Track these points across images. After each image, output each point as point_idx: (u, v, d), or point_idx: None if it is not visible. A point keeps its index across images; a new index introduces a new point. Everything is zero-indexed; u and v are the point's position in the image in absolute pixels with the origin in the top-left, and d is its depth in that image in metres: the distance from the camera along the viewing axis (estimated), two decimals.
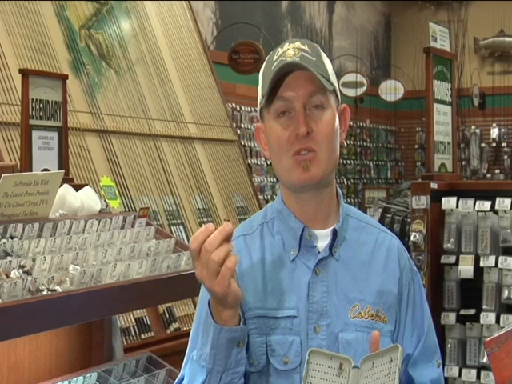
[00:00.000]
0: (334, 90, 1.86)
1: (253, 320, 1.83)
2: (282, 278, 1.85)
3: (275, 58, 1.84)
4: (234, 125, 7.73)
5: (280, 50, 1.84)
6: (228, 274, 1.66)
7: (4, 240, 2.54)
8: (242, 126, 9.52)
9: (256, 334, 1.83)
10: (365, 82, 12.23)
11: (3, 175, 2.64)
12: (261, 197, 8.31)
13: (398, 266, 1.91)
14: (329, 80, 1.83)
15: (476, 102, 13.30)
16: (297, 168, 1.82)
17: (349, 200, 12.48)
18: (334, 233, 1.87)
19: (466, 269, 4.28)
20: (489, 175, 13.68)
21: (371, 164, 13.75)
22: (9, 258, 2.45)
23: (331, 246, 1.87)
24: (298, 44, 1.84)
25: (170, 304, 4.63)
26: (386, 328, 1.86)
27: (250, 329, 1.83)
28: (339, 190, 1.95)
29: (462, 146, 13.21)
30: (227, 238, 1.66)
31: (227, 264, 1.65)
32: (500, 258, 4.23)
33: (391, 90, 12.74)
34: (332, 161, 1.85)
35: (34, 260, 2.49)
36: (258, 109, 1.90)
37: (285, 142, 1.81)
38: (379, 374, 1.66)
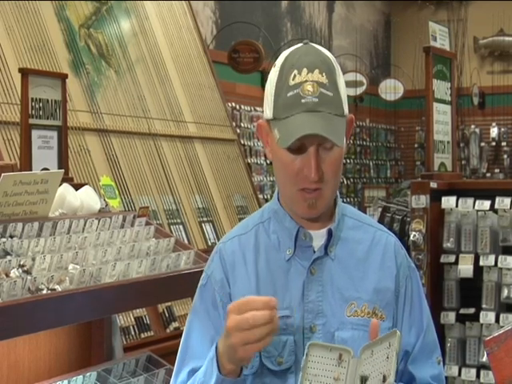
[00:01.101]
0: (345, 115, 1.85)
1: None
2: (276, 279, 1.86)
3: (291, 82, 1.79)
4: (234, 124, 7.73)
5: (297, 75, 1.79)
6: (259, 349, 1.69)
7: (4, 239, 2.54)
8: (242, 125, 9.51)
9: None
10: (364, 81, 12.23)
11: (3, 174, 2.64)
12: (260, 196, 8.31)
13: (394, 263, 1.92)
14: (343, 114, 1.81)
15: (476, 101, 13.30)
16: (302, 202, 1.83)
17: (348, 199, 12.49)
18: (330, 232, 1.88)
19: (465, 268, 4.28)
20: (488, 174, 13.68)
21: (371, 163, 13.75)
22: (8, 258, 2.45)
23: (326, 246, 1.87)
24: (316, 74, 1.79)
25: (169, 303, 4.63)
26: (383, 325, 1.85)
27: None
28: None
29: (461, 145, 13.21)
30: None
31: (264, 343, 1.68)
32: (500, 257, 4.23)
33: (391, 90, 12.74)
34: (336, 189, 1.87)
35: (33, 259, 2.49)
36: (264, 114, 1.86)
37: (293, 175, 1.81)
38: (378, 360, 1.66)
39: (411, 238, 4.33)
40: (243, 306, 1.67)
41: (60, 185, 2.91)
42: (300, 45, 1.86)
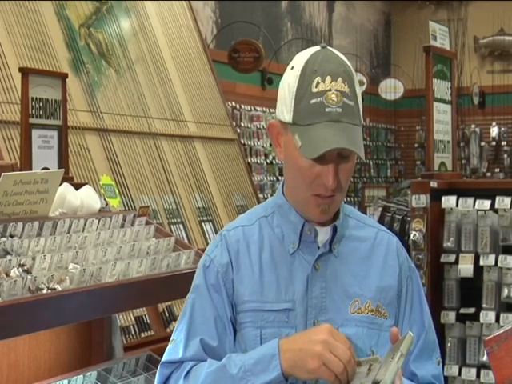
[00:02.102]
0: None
1: (248, 313, 1.85)
2: (279, 271, 1.87)
3: (314, 88, 1.78)
4: (234, 123, 7.73)
5: (320, 83, 1.79)
6: (327, 378, 1.69)
7: (4, 239, 2.54)
8: (242, 124, 9.51)
9: (250, 327, 1.84)
10: (364, 80, 12.23)
11: (3, 174, 2.64)
12: (260, 195, 8.31)
13: (397, 261, 1.94)
14: (360, 123, 1.83)
15: (476, 100, 13.30)
16: (315, 207, 1.85)
17: (349, 199, 12.48)
18: (334, 229, 1.89)
19: (465, 267, 4.28)
20: (488, 174, 13.68)
21: (371, 163, 13.75)
22: (8, 257, 2.45)
23: (331, 242, 1.88)
24: (339, 83, 1.79)
25: (169, 303, 4.63)
26: (386, 323, 1.88)
27: (245, 322, 1.85)
28: None
29: (461, 144, 13.20)
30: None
31: (332, 379, 1.69)
32: (500, 256, 4.23)
33: (391, 89, 12.74)
34: (345, 194, 1.89)
35: (33, 259, 2.49)
36: (279, 116, 1.86)
37: (309, 181, 1.82)
38: (393, 363, 1.67)
39: (411, 237, 4.33)
40: (342, 338, 1.71)
41: (60, 184, 2.91)
42: (318, 48, 1.86)
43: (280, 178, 9.75)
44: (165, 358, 1.91)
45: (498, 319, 4.21)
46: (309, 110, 1.78)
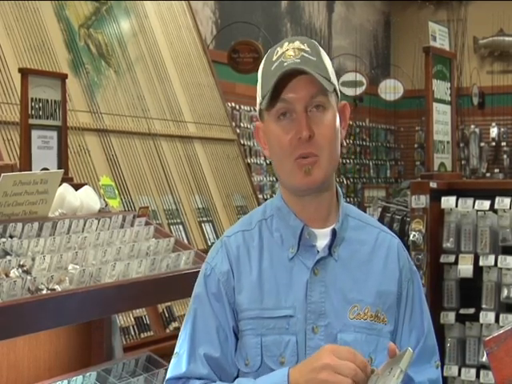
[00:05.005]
0: (335, 89, 1.84)
1: (248, 321, 1.83)
2: (279, 277, 1.84)
3: (274, 57, 1.82)
4: (234, 124, 7.73)
5: (279, 50, 1.82)
6: None
7: (3, 239, 2.54)
8: (242, 125, 9.51)
9: (251, 335, 1.82)
10: (364, 81, 12.22)
11: (3, 174, 2.64)
12: (260, 196, 8.31)
13: (397, 265, 1.91)
14: (329, 80, 1.81)
15: (475, 101, 13.29)
16: (298, 172, 1.81)
17: (348, 199, 12.48)
18: (334, 233, 1.86)
19: (465, 268, 4.28)
20: (488, 174, 13.67)
21: (371, 163, 13.74)
22: (8, 258, 2.45)
23: (330, 246, 1.86)
24: (297, 44, 1.82)
25: (169, 303, 4.63)
26: (385, 329, 1.85)
27: (245, 329, 1.83)
28: (339, 190, 1.94)
29: (461, 145, 13.20)
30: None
31: None
32: (499, 257, 4.23)
33: (391, 89, 12.74)
34: (333, 162, 1.84)
35: (33, 259, 2.49)
36: (257, 108, 1.88)
37: (287, 146, 1.80)
38: (390, 377, 1.65)
39: (411, 237, 4.33)
40: (346, 353, 1.66)
41: (60, 185, 2.91)
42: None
43: None
44: (169, 374, 1.87)
45: (497, 320, 4.21)
46: (270, 75, 1.80)
